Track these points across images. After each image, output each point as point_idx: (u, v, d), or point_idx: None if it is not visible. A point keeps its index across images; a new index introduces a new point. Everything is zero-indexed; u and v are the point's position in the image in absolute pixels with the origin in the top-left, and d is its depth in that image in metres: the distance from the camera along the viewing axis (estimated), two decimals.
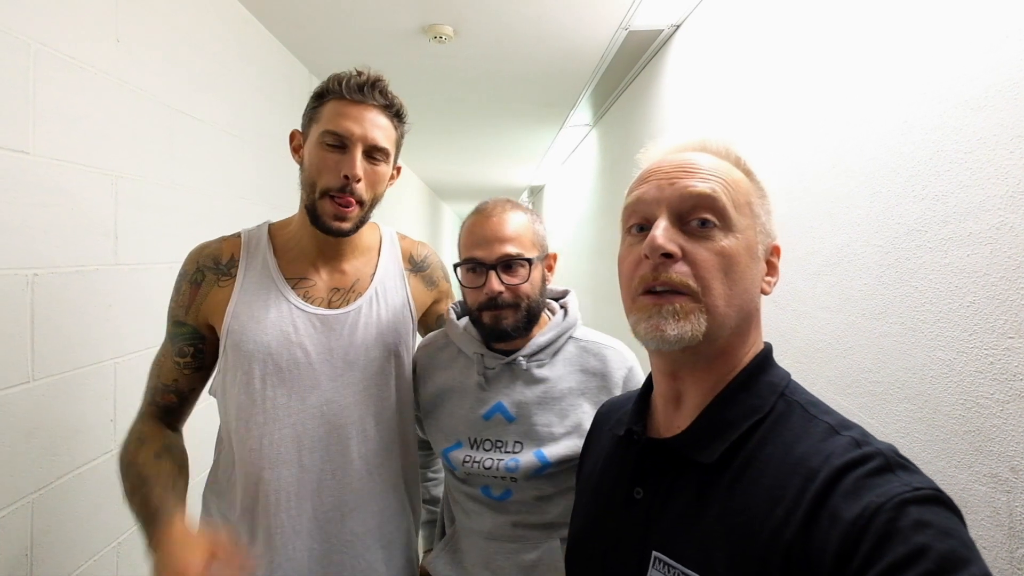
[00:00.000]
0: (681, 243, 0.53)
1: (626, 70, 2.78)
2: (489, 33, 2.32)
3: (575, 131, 4.19)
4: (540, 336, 1.00)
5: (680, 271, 0.52)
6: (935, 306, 0.93)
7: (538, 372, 0.98)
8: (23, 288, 1.08)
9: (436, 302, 1.19)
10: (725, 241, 0.53)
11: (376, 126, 0.97)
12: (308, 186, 0.98)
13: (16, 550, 1.07)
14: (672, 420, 0.59)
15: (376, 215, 1.09)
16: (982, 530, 0.82)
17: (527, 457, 0.95)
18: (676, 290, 0.52)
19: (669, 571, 0.52)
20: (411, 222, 6.28)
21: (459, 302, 1.10)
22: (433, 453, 1.21)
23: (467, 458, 0.97)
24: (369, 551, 1.03)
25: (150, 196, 1.47)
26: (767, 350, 0.58)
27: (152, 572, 0.81)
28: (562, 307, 1.05)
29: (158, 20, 1.50)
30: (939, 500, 0.44)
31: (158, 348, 1.04)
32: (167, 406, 1.02)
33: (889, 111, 1.04)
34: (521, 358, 0.98)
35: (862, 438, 0.49)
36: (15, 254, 1.06)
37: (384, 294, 1.08)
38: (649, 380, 0.65)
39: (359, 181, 0.95)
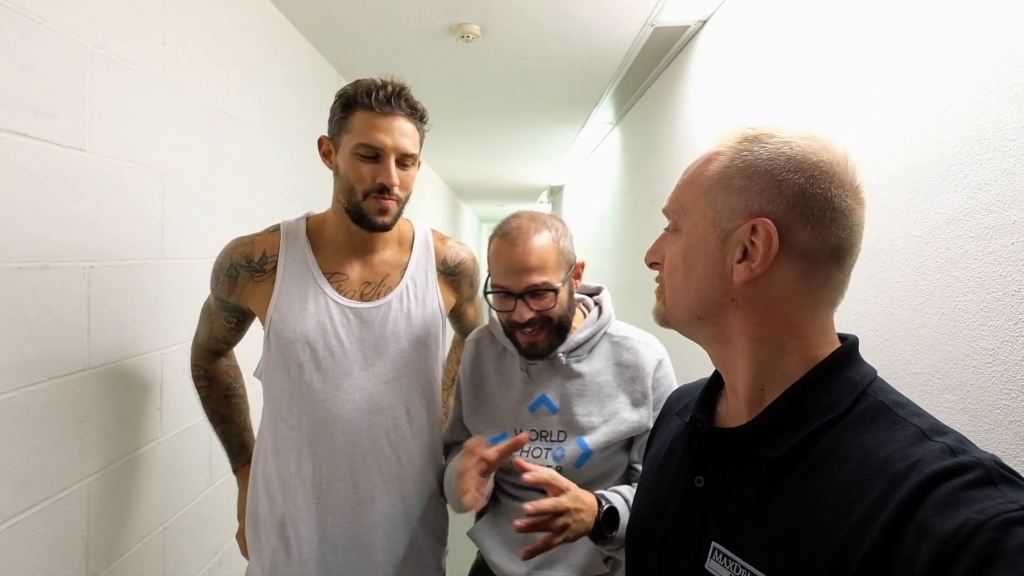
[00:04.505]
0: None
1: (650, 67, 2.78)
2: (516, 31, 2.34)
3: (597, 129, 4.19)
4: (577, 334, 1.06)
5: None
6: (978, 295, 0.92)
7: (577, 367, 1.05)
8: (80, 280, 1.12)
9: (464, 301, 1.28)
10: (675, 244, 0.61)
11: (404, 134, 1.05)
12: (347, 192, 1.06)
13: (74, 531, 1.12)
14: (737, 410, 0.59)
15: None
16: None
17: (571, 447, 1.01)
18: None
19: (728, 563, 0.52)
20: (432, 222, 6.32)
21: None
22: None
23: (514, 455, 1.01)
24: (399, 531, 1.11)
25: (193, 192, 1.51)
26: (850, 345, 0.55)
27: (239, 497, 1.25)
28: (596, 304, 1.11)
29: (200, 23, 1.55)
30: None
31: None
32: (219, 350, 1.25)
33: (929, 100, 1.03)
34: (560, 354, 1.04)
35: (958, 445, 0.45)
36: (74, 247, 1.11)
37: (414, 290, 1.15)
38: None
39: (395, 187, 1.04)
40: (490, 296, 1.03)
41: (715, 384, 0.65)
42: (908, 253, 1.08)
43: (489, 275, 1.04)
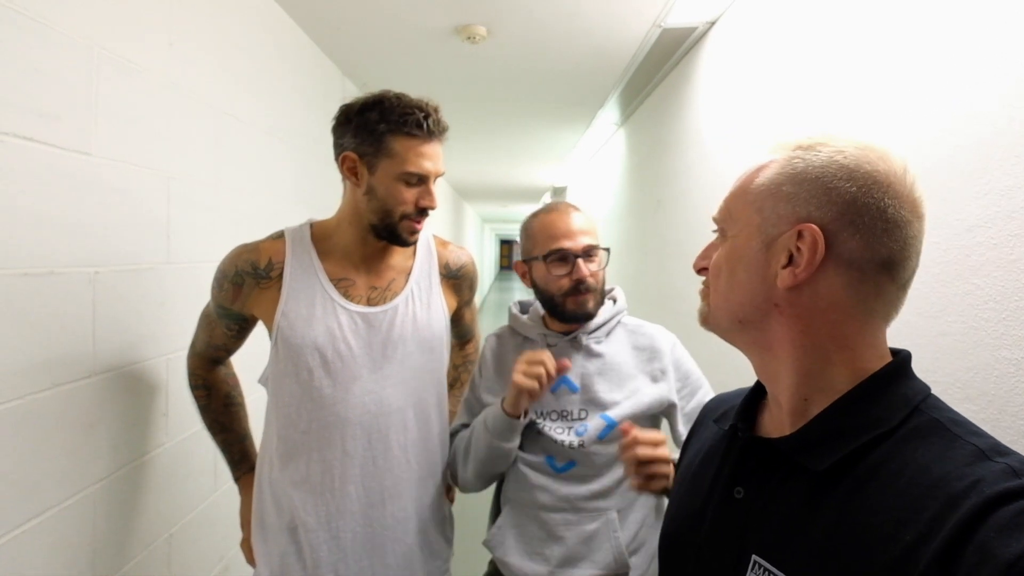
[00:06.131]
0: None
1: (657, 68, 2.76)
2: (522, 32, 2.32)
3: (602, 130, 4.18)
4: (596, 318, 1.14)
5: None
6: (1000, 304, 0.91)
7: (596, 347, 1.12)
8: (86, 285, 1.11)
9: (463, 304, 1.31)
10: (721, 249, 0.60)
11: (441, 157, 1.10)
12: (382, 212, 1.08)
13: (81, 538, 1.10)
14: (779, 421, 0.57)
15: None
16: None
17: (594, 421, 1.07)
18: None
19: None
20: (435, 223, 6.31)
21: (519, 301, 1.23)
22: None
23: (537, 425, 1.08)
24: (408, 535, 1.12)
25: (199, 196, 1.50)
26: (902, 359, 0.54)
27: (242, 506, 1.24)
28: (611, 298, 1.19)
29: (206, 24, 1.53)
30: None
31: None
32: (218, 358, 1.23)
33: (949, 103, 1.01)
34: (581, 334, 1.12)
35: (1021, 467, 0.43)
36: (79, 252, 1.09)
37: (419, 294, 1.17)
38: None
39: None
40: (546, 262, 1.09)
41: (757, 394, 0.64)
42: (927, 259, 1.05)
43: (529, 253, 1.13)
